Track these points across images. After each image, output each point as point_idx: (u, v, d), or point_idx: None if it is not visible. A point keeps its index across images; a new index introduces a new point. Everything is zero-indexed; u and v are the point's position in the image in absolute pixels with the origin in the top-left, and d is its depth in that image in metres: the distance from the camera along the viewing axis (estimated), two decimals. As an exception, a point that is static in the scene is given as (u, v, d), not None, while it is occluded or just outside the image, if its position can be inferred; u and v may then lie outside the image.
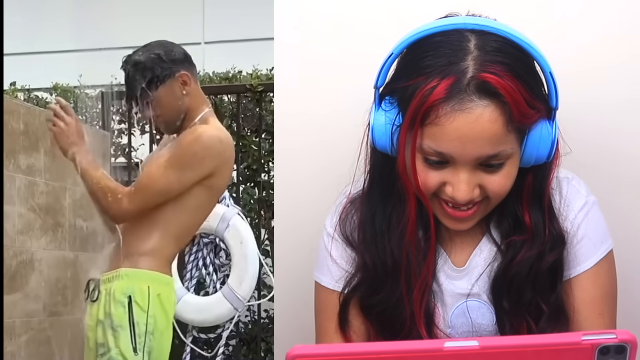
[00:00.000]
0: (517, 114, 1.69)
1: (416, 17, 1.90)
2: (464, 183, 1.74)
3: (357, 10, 2.37)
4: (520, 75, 1.71)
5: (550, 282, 1.86)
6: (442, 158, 1.73)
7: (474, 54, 1.72)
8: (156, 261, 3.70)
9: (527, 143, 1.78)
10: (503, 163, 1.75)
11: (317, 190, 2.32)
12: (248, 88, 6.42)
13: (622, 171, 2.24)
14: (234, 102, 6.57)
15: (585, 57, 2.24)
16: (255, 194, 6.55)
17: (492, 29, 1.75)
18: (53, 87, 7.52)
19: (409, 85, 1.74)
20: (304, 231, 2.30)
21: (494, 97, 1.68)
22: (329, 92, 2.38)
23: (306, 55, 2.41)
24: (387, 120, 1.81)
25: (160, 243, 3.70)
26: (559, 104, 1.78)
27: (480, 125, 1.68)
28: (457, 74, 1.70)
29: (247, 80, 6.54)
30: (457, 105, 1.68)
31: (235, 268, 5.69)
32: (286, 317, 2.45)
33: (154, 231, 3.69)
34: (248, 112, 6.64)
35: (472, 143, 1.70)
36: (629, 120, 2.23)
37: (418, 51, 1.76)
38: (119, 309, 3.62)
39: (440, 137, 1.70)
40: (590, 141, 2.18)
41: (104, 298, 3.68)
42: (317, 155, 2.39)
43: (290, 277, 2.41)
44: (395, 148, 1.81)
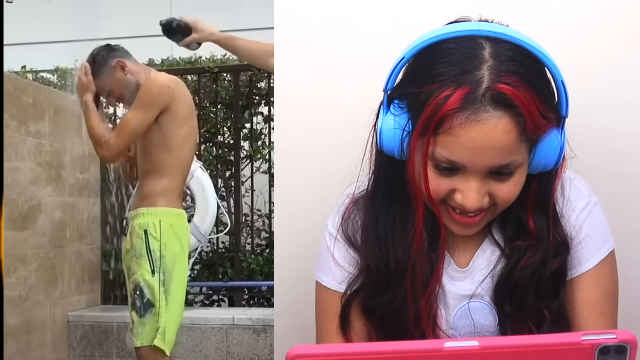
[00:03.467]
0: (531, 125, 1.40)
1: (417, 19, 1.69)
2: (474, 191, 1.46)
3: (358, 12, 2.02)
4: (534, 85, 1.41)
5: (553, 287, 1.58)
6: (454, 166, 1.44)
7: (489, 63, 1.41)
8: (166, 198, 3.76)
9: (537, 151, 1.48)
10: (513, 172, 1.46)
11: (317, 192, 2.01)
12: (207, 69, 6.48)
13: (623, 171, 1.94)
14: (196, 80, 6.59)
15: (587, 59, 1.93)
16: (213, 151, 6.57)
17: (506, 37, 1.45)
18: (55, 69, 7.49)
19: (421, 92, 1.44)
20: (305, 233, 2.02)
21: (509, 108, 1.39)
22: (329, 94, 2.04)
23: (306, 57, 2.06)
24: (396, 125, 1.50)
25: (164, 183, 3.77)
26: (569, 112, 1.49)
27: (495, 135, 1.39)
28: (472, 83, 1.40)
29: (205, 63, 6.57)
30: (472, 116, 1.39)
31: (198, 209, 5.75)
32: (286, 317, 2.12)
33: (156, 174, 3.77)
34: (207, 88, 6.65)
35: (484, 153, 1.41)
36: (629, 120, 1.93)
37: (431, 57, 1.46)
38: (138, 241, 3.69)
39: (453, 147, 1.41)
40: (592, 141, 1.90)
41: (129, 233, 3.76)
42: (317, 157, 2.05)
43: (290, 277, 2.09)
44: (405, 153, 1.51)
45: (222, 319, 5.57)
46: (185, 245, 3.84)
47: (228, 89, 6.64)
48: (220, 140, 6.66)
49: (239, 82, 6.46)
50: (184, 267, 3.84)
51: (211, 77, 6.56)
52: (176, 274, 3.73)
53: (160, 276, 3.66)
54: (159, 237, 3.67)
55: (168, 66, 7.00)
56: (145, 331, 3.64)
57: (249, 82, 6.54)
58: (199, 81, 6.57)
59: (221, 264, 6.51)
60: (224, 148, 6.65)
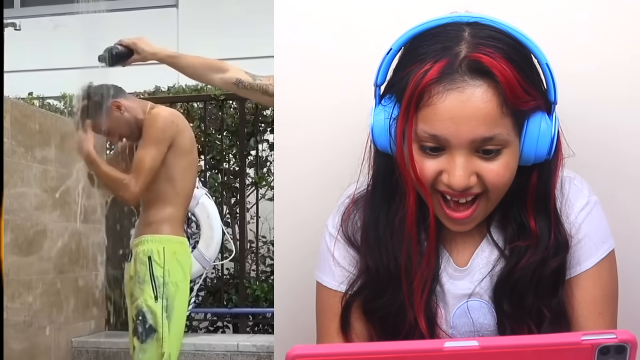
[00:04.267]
0: (510, 95, 1.39)
1: (416, 15, 1.63)
2: (460, 168, 1.43)
3: (358, 11, 1.99)
4: (513, 59, 1.41)
5: (552, 286, 1.55)
6: (437, 142, 1.43)
7: (468, 39, 1.43)
8: (169, 226, 3.80)
9: (526, 135, 1.46)
10: (500, 150, 1.44)
11: (317, 190, 1.98)
12: (212, 97, 6.49)
13: (623, 170, 1.90)
14: (202, 107, 6.61)
15: (587, 56, 1.90)
16: (218, 178, 6.58)
17: (487, 21, 1.46)
18: (62, 95, 7.52)
19: (404, 74, 1.45)
20: (304, 230, 1.98)
21: (486, 76, 1.39)
22: (328, 90, 2.02)
23: (306, 54, 2.03)
24: (385, 115, 1.50)
25: (167, 211, 3.80)
26: (558, 100, 1.48)
27: (473, 104, 1.39)
28: (450, 56, 1.41)
29: (211, 91, 6.59)
30: (448, 85, 1.39)
31: (203, 236, 5.77)
32: (286, 317, 2.08)
33: (160, 203, 3.79)
34: (212, 116, 6.67)
35: (465, 123, 1.39)
36: (630, 119, 1.90)
37: (415, 43, 1.47)
38: (142, 267, 3.71)
39: (433, 118, 1.40)
40: (592, 140, 1.85)
41: (133, 259, 3.78)
42: (316, 155, 2.02)
43: (290, 277, 2.05)
44: (394, 140, 1.50)
45: (227, 346, 5.56)
46: (188, 273, 3.87)
47: (234, 116, 6.65)
48: (226, 167, 6.67)
49: (245, 110, 6.48)
50: (185, 295, 3.87)
51: (217, 104, 6.57)
52: (178, 300, 3.75)
53: (163, 302, 3.67)
54: (162, 263, 3.69)
55: (174, 93, 7.02)
56: (147, 357, 3.65)
57: (255, 110, 6.55)
58: (205, 108, 6.58)
59: (226, 291, 6.51)
60: (229, 175, 6.65)
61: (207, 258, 5.71)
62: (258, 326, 6.51)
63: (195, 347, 5.48)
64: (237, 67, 3.66)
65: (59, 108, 7.40)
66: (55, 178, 5.52)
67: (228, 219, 6.60)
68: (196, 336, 5.85)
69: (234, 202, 6.65)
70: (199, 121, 6.61)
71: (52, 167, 5.50)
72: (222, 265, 6.43)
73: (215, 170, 6.67)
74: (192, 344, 5.42)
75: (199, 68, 3.60)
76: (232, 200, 6.67)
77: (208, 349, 5.54)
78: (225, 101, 6.54)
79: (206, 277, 6.36)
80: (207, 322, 6.62)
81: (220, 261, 6.21)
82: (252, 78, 3.60)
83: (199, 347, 5.52)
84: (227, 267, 6.62)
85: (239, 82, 3.58)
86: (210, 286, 6.64)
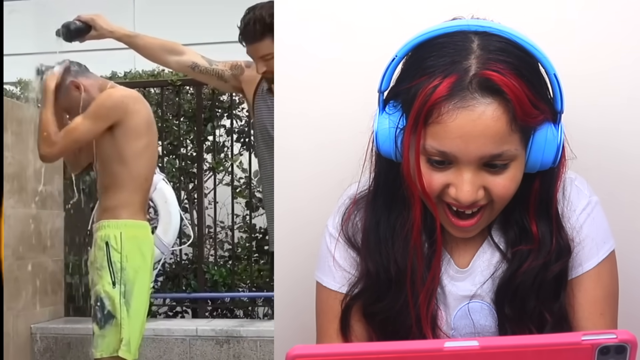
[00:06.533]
0: (520, 112, 1.38)
1: (417, 18, 1.66)
2: (468, 183, 1.42)
3: (358, 12, 1.98)
4: (523, 74, 1.40)
5: (554, 290, 1.55)
6: (446, 158, 1.42)
7: (477, 53, 1.41)
8: (127, 210, 3.71)
9: (532, 146, 1.45)
10: (507, 164, 1.43)
11: (318, 191, 1.96)
12: (169, 82, 6.46)
13: (624, 171, 1.90)
14: (159, 93, 6.57)
15: (588, 59, 1.89)
16: (176, 164, 6.55)
17: (495, 31, 1.44)
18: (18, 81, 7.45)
19: (412, 86, 1.43)
20: (304, 232, 1.96)
21: (496, 94, 1.38)
22: (329, 93, 2.00)
23: (306, 56, 2.01)
24: (390, 124, 1.49)
25: (124, 196, 3.72)
26: (564, 108, 1.47)
27: (483, 123, 1.37)
28: (460, 72, 1.39)
29: (168, 76, 6.56)
30: (459, 103, 1.37)
31: (161, 221, 5.77)
32: (286, 317, 2.07)
33: (116, 188, 3.71)
34: (169, 101, 6.64)
35: (474, 141, 1.38)
36: (630, 120, 1.89)
37: (421, 53, 1.46)
38: (100, 253, 3.64)
39: (442, 136, 1.39)
40: (593, 142, 1.85)
41: (92, 245, 3.74)
42: (317, 156, 2.01)
43: (290, 277, 2.04)
44: (400, 151, 1.49)
45: (186, 330, 5.55)
46: (149, 257, 3.81)
47: (191, 101, 6.63)
48: (183, 152, 6.65)
49: (202, 95, 6.45)
50: (147, 279, 3.81)
51: (174, 90, 6.54)
52: (138, 285, 3.70)
53: (121, 288, 3.62)
54: (120, 249, 3.64)
55: (131, 79, 6.97)
56: (105, 343, 3.62)
57: (212, 95, 6.53)
58: (161, 94, 6.54)
59: (184, 276, 6.49)
60: (186, 160, 6.63)
61: (165, 243, 5.69)
62: (217, 311, 6.50)
63: (154, 332, 5.46)
64: (193, 51, 3.65)
65: (15, 94, 7.32)
66: (11, 164, 5.47)
67: (186, 204, 6.59)
68: (155, 321, 5.83)
69: (192, 188, 6.63)
70: (156, 107, 6.55)
71: (9, 152, 5.44)
72: (180, 250, 6.40)
73: (172, 156, 6.65)
74: (152, 329, 5.40)
75: (155, 49, 3.59)
76: (189, 186, 6.65)
77: (167, 334, 5.53)
78: (182, 87, 6.51)
79: (165, 262, 6.34)
80: (166, 307, 6.60)
81: (178, 246, 6.19)
82: (208, 62, 3.60)
83: (158, 332, 5.51)
84: (186, 252, 6.59)
85: (195, 66, 3.58)
86: (169, 271, 6.62)
